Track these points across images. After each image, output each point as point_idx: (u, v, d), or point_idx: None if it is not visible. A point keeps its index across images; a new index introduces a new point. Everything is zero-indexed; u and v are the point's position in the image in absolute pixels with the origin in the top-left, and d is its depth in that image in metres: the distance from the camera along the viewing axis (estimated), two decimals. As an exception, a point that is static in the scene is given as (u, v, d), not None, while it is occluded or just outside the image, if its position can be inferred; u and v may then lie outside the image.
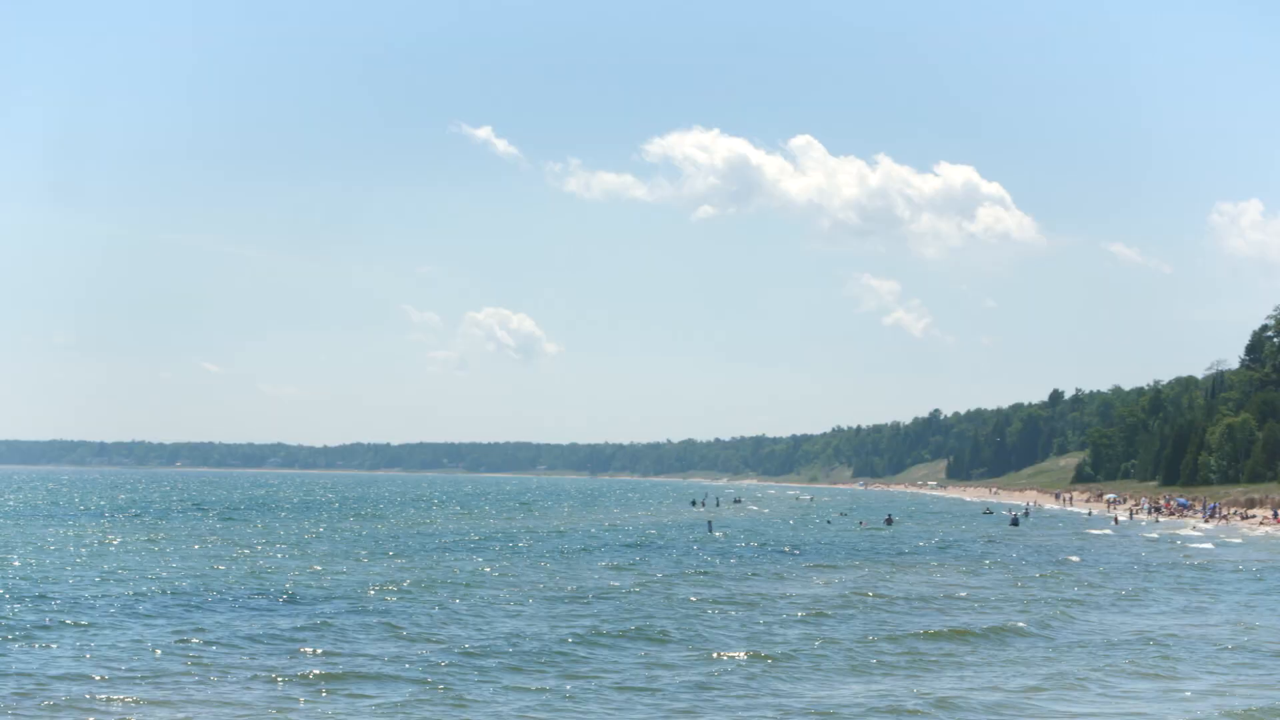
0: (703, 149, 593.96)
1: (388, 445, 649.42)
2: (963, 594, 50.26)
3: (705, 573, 57.99)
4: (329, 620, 38.64)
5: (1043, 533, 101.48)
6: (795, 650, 34.45)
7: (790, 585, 53.07)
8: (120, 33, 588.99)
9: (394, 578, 52.75)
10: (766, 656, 33.32)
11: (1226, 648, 35.79)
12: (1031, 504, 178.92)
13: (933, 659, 33.76)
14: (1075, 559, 70.36)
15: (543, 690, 28.73)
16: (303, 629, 36.77)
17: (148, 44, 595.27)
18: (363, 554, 66.91)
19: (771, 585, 52.69)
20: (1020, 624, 39.86)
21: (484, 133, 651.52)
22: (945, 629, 38.53)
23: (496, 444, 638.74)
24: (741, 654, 33.69)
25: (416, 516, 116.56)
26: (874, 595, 48.63)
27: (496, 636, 36.06)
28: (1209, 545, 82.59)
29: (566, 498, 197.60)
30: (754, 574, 58.08)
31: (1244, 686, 30.06)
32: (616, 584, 51.68)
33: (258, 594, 45.18)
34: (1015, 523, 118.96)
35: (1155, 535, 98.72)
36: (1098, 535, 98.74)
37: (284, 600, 43.49)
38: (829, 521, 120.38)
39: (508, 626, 38.15)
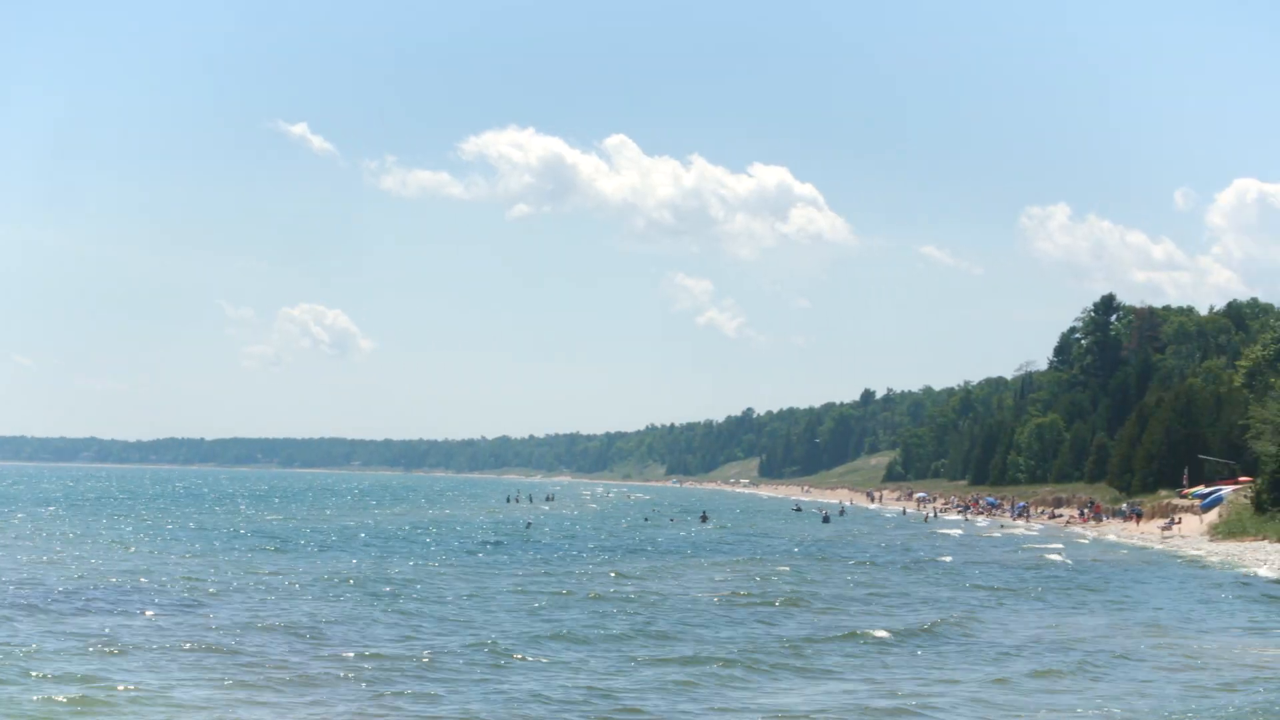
0: (518, 147, 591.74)
1: (201, 440, 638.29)
2: (830, 593, 49.54)
3: (552, 573, 56.53)
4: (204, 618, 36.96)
5: (891, 533, 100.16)
6: (710, 652, 33.52)
7: (656, 583, 52.27)
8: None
9: (261, 576, 51.04)
10: (677, 660, 32.40)
11: (1148, 652, 35.19)
12: (849, 502, 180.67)
13: (850, 661, 33.01)
14: (948, 559, 70.04)
15: (428, 696, 27.45)
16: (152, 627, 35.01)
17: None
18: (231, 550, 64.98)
19: (635, 585, 51.53)
20: (929, 625, 39.13)
21: (299, 129, 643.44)
22: (850, 630, 37.74)
23: (311, 440, 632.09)
24: (661, 656, 32.83)
25: (249, 512, 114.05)
26: (745, 594, 47.78)
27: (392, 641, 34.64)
28: (1058, 545, 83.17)
29: (390, 494, 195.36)
30: (598, 573, 56.89)
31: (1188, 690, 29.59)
32: (499, 587, 50.17)
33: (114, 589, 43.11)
34: (826, 520, 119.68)
35: (999, 534, 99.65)
36: (946, 534, 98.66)
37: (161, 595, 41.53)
38: (646, 519, 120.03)
39: (399, 632, 36.66)
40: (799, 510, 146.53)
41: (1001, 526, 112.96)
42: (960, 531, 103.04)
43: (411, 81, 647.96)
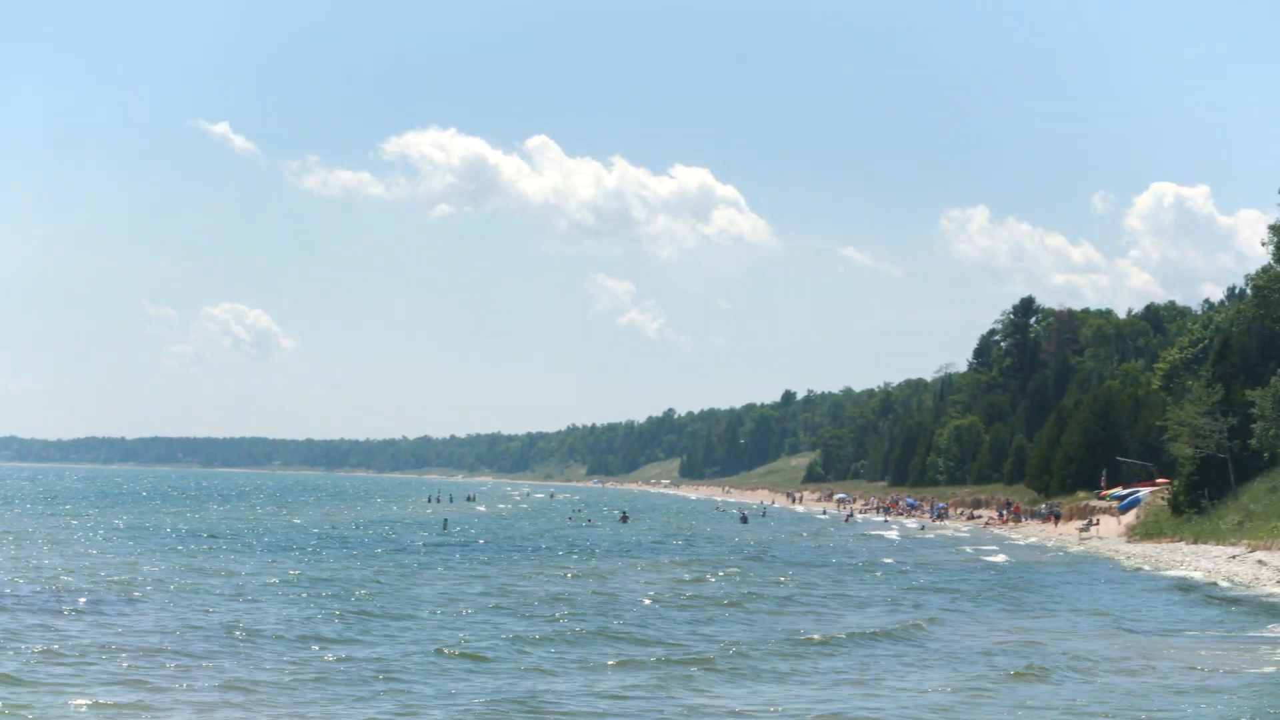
0: (439, 148, 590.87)
1: (122, 440, 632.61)
2: (780, 594, 49.53)
3: (484, 574, 56.12)
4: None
5: (826, 535, 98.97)
6: (671, 654, 33.44)
7: (600, 583, 52.31)
8: None
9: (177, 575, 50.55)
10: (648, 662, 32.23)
11: (1116, 654, 35.15)
12: (771, 502, 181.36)
13: (812, 665, 32.71)
14: (889, 560, 70.04)
15: (367, 699, 27.12)
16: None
17: None
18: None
19: (578, 586, 51.46)
20: (888, 628, 38.91)
21: (221, 129, 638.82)
22: (809, 634, 37.43)
23: (232, 439, 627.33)
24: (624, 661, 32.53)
25: (176, 512, 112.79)
26: (694, 596, 47.78)
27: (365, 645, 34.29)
28: (993, 546, 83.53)
29: (315, 493, 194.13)
30: (536, 573, 56.76)
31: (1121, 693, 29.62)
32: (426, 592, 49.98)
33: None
34: (744, 520, 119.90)
35: (932, 536, 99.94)
36: (882, 536, 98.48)
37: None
38: (569, 519, 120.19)
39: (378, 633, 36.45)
40: (721, 510, 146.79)
41: (922, 528, 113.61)
42: (896, 534, 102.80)
43: (333, 82, 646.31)
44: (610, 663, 32.26)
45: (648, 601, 45.91)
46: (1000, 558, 72.80)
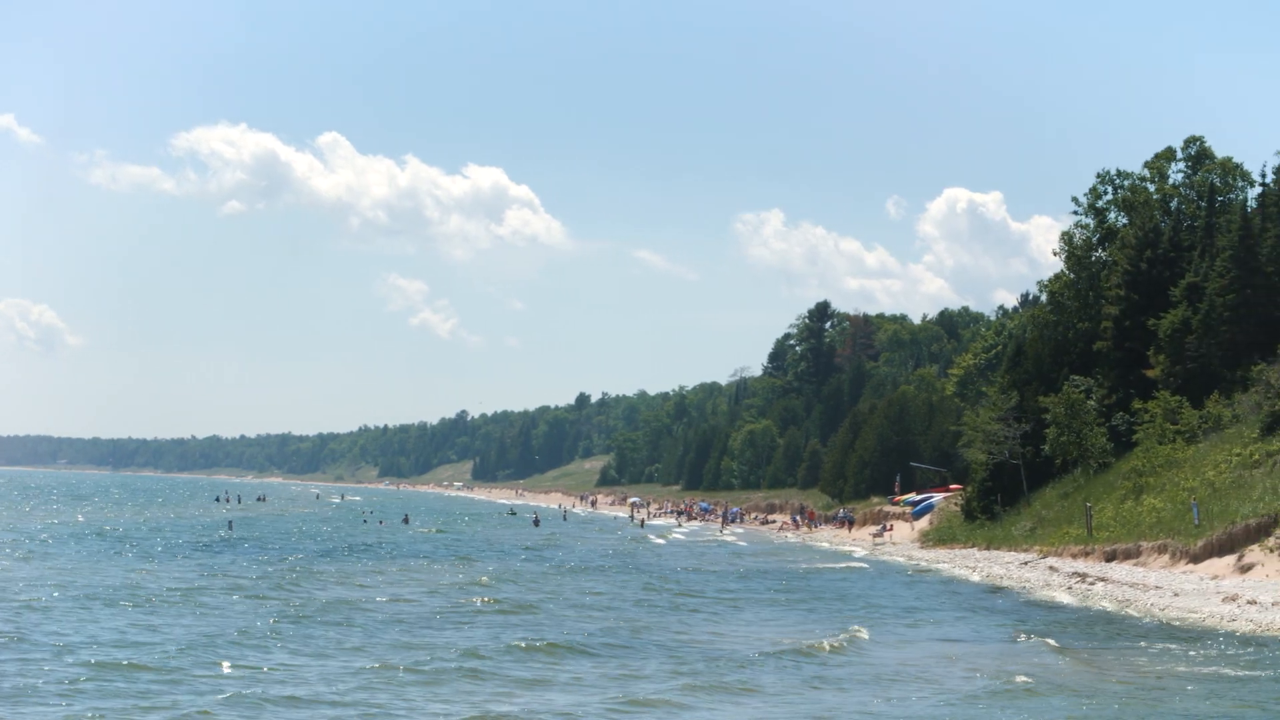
0: (230, 144, 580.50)
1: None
2: (669, 603, 48.42)
3: (281, 577, 54.78)
4: None
5: (668, 544, 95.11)
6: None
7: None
8: None
9: None
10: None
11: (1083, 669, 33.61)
12: (572, 506, 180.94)
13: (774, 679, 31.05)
14: (773, 567, 69.01)
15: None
16: None
17: None
18: None
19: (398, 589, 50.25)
20: (828, 642, 36.99)
21: (6, 120, 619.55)
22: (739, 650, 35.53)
23: (15, 437, 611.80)
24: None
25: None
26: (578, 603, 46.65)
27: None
28: (828, 548, 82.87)
29: (113, 493, 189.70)
30: (325, 575, 55.48)
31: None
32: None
33: None
34: (536, 523, 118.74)
35: (768, 544, 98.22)
36: (736, 543, 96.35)
37: None
38: (364, 521, 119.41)
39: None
40: (514, 514, 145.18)
41: (718, 533, 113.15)
42: (743, 541, 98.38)
43: (122, 75, 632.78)
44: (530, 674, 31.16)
45: (580, 611, 44.56)
46: (857, 565, 71.48)
